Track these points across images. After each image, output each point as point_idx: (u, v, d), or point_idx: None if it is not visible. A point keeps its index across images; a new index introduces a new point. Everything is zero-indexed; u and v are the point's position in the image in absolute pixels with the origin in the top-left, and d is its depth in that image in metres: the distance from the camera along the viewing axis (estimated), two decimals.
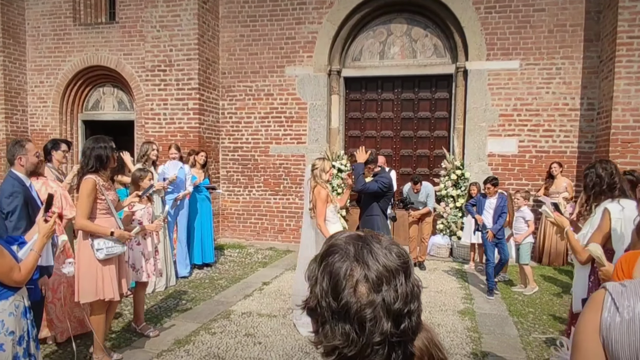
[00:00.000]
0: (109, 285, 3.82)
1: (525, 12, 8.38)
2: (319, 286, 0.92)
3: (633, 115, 7.28)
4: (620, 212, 2.96)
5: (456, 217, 8.63)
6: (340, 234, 0.99)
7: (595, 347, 1.18)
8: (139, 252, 4.59)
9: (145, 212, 4.81)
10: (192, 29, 9.08)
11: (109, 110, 10.86)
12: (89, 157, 3.83)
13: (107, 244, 3.76)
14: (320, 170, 4.83)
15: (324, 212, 4.75)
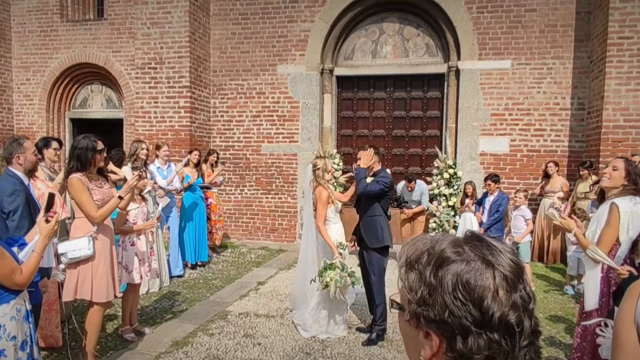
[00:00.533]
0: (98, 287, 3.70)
1: (516, 12, 8.44)
2: (449, 297, 0.82)
3: (623, 114, 7.38)
4: (628, 206, 2.96)
5: (449, 216, 8.65)
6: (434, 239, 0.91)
7: (631, 335, 1.29)
8: (133, 252, 4.50)
9: (140, 212, 4.74)
10: (183, 26, 8.98)
11: (97, 109, 10.70)
12: (70, 157, 3.75)
13: (68, 247, 3.56)
14: (322, 170, 4.79)
15: (324, 214, 4.72)
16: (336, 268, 4.45)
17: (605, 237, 2.99)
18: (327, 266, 4.49)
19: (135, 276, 4.49)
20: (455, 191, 8.64)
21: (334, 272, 4.42)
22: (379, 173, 4.84)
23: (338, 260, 4.52)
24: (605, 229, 3.01)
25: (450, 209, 8.68)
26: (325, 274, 4.43)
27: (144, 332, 4.67)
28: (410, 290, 0.88)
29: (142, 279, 4.60)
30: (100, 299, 3.73)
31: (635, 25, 7.25)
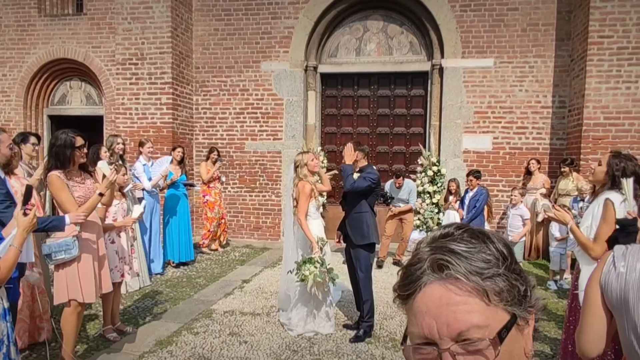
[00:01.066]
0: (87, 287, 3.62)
1: (499, 10, 8.52)
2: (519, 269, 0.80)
3: (603, 112, 7.50)
4: (621, 201, 2.97)
5: (433, 213, 8.71)
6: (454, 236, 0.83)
7: (596, 295, 1.55)
8: (113, 250, 4.40)
9: (120, 208, 4.64)
10: (165, 21, 8.84)
11: (76, 105, 10.47)
12: (49, 155, 3.62)
13: (53, 248, 3.46)
14: (301, 166, 4.74)
15: (306, 207, 4.67)
16: (315, 263, 4.41)
17: (602, 232, 2.96)
18: (305, 260, 4.46)
19: (116, 275, 4.39)
20: (439, 188, 8.70)
21: (313, 266, 4.38)
22: (366, 169, 4.83)
23: (317, 256, 4.48)
24: (602, 224, 2.98)
25: (434, 206, 8.74)
26: (304, 268, 4.39)
27: (127, 331, 4.57)
28: (509, 296, 0.77)
29: (123, 277, 4.49)
30: (90, 298, 3.64)
31: (615, 25, 7.37)
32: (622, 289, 1.48)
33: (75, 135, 3.63)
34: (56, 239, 3.49)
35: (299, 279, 4.45)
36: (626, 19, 7.34)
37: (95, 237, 3.71)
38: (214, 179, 8.34)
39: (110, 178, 3.63)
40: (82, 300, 3.59)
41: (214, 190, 8.35)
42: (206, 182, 8.27)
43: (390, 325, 5.03)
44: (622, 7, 7.34)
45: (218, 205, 8.42)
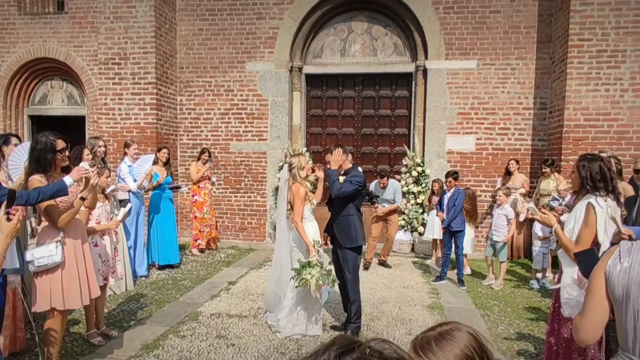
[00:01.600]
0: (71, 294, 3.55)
1: (482, 13, 8.63)
2: None
3: (583, 114, 7.66)
4: (604, 205, 3.02)
5: (417, 214, 8.79)
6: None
7: (600, 286, 1.67)
8: (96, 254, 4.33)
9: (103, 210, 4.58)
10: (148, 21, 8.76)
11: (57, 105, 10.30)
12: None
13: (36, 254, 3.40)
14: (298, 168, 4.75)
15: (302, 210, 4.68)
16: (315, 266, 4.43)
17: (583, 236, 3.02)
18: (304, 264, 4.47)
19: (99, 278, 4.31)
20: (423, 189, 8.78)
21: (314, 270, 4.40)
22: (351, 172, 4.84)
23: (316, 259, 4.50)
24: (583, 228, 3.04)
25: (419, 206, 8.82)
26: (304, 272, 4.40)
27: (113, 335, 4.54)
28: None
29: (106, 281, 4.44)
30: (72, 305, 3.58)
31: (594, 28, 7.53)
32: (626, 282, 1.59)
33: (56, 139, 3.53)
34: (40, 245, 3.44)
35: (300, 284, 4.45)
36: (605, 23, 7.50)
37: (80, 242, 3.66)
38: (204, 179, 8.35)
39: (92, 181, 3.56)
40: (63, 308, 3.53)
41: (203, 191, 8.36)
42: (196, 182, 8.28)
43: (377, 326, 5.07)
44: (601, 11, 7.50)
45: (208, 206, 8.41)
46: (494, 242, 6.73)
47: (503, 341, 4.72)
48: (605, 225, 2.98)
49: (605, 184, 3.10)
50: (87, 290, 3.67)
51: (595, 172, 3.10)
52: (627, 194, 5.40)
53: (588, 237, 3.01)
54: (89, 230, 4.23)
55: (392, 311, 5.56)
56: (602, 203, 3.01)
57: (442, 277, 6.87)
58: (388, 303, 5.87)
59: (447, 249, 6.88)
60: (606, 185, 3.10)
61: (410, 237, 8.86)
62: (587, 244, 3.01)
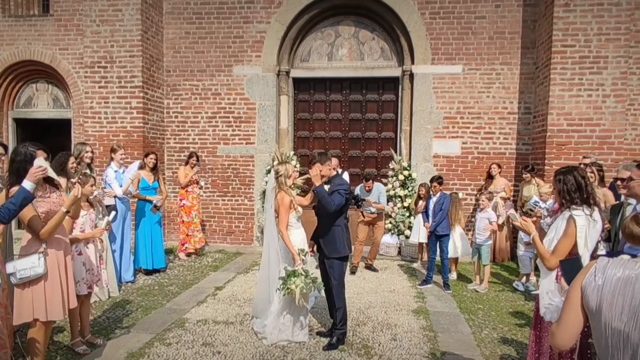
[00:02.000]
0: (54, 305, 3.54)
1: (467, 18, 8.72)
2: None
3: (567, 119, 7.78)
4: (585, 219, 3.07)
5: (404, 217, 8.86)
6: None
7: (577, 297, 1.80)
8: (80, 262, 4.31)
9: (87, 219, 4.54)
10: (134, 24, 8.72)
11: (43, 108, 10.22)
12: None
13: (18, 265, 3.38)
14: (284, 176, 4.75)
15: (286, 219, 4.69)
16: (300, 275, 4.45)
17: (560, 246, 3.08)
18: (290, 273, 4.49)
19: (82, 287, 4.30)
20: (410, 192, 8.85)
21: (299, 279, 4.42)
22: (334, 180, 4.82)
23: (301, 267, 4.53)
24: (562, 239, 3.09)
25: (405, 210, 8.88)
26: (290, 281, 4.43)
27: (98, 344, 4.52)
28: None
29: (91, 289, 4.42)
30: (55, 316, 3.57)
31: (577, 34, 7.65)
32: (598, 299, 1.72)
33: (36, 149, 3.50)
34: (22, 256, 3.42)
35: (286, 293, 4.47)
36: (587, 29, 7.63)
37: (62, 254, 3.65)
38: (192, 183, 8.35)
39: (76, 193, 3.54)
40: (45, 319, 3.52)
41: (191, 195, 8.36)
42: (184, 186, 8.27)
43: (363, 331, 5.11)
44: (583, 18, 7.63)
45: (196, 210, 8.40)
46: (478, 245, 6.82)
47: (487, 345, 4.79)
48: (586, 238, 3.04)
49: (581, 194, 3.15)
50: (67, 302, 3.66)
51: (571, 183, 3.16)
52: (608, 200, 5.50)
53: (565, 248, 3.07)
54: (73, 239, 4.21)
55: (378, 316, 5.61)
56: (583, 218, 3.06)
57: (428, 281, 6.95)
58: (374, 308, 5.91)
59: (432, 252, 6.96)
60: (581, 194, 3.15)
61: (397, 240, 8.92)
62: (563, 255, 3.07)
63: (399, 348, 4.66)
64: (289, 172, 4.77)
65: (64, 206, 3.52)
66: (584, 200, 3.16)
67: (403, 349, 4.63)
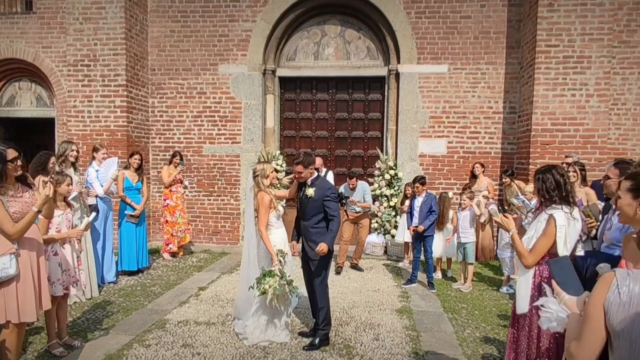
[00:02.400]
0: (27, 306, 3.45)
1: (452, 18, 8.73)
2: None
3: (551, 118, 7.82)
4: (565, 218, 3.05)
5: (390, 216, 8.85)
6: None
7: (600, 315, 1.67)
8: (56, 262, 4.22)
9: (64, 219, 4.43)
10: (118, 22, 8.63)
11: (26, 107, 10.08)
12: None
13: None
14: (262, 176, 4.72)
15: (266, 219, 4.66)
16: (275, 276, 4.42)
17: (538, 245, 3.07)
18: (265, 273, 4.45)
19: (57, 288, 4.21)
20: (396, 192, 8.85)
21: (273, 279, 4.38)
22: (318, 183, 4.70)
23: (277, 268, 4.49)
24: (541, 238, 3.08)
25: (392, 209, 8.88)
26: (264, 281, 4.39)
27: (76, 345, 4.45)
28: None
29: (67, 290, 4.33)
30: (28, 318, 3.49)
31: (561, 34, 7.69)
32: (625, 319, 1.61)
33: (6, 148, 3.41)
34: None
35: (260, 292, 4.43)
36: (571, 29, 7.67)
37: (35, 254, 3.57)
38: (176, 183, 8.30)
39: (47, 193, 3.45)
40: (18, 321, 3.45)
41: (175, 195, 8.31)
42: (167, 186, 8.23)
43: (345, 331, 5.08)
44: (567, 18, 7.66)
45: (180, 210, 8.35)
46: (463, 244, 6.82)
47: (469, 345, 4.79)
48: (565, 238, 3.03)
49: (560, 192, 3.15)
50: (40, 303, 3.59)
51: (550, 182, 3.16)
52: (591, 199, 5.51)
53: (543, 247, 3.07)
54: (49, 240, 4.13)
55: (361, 316, 5.59)
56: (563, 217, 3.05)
57: (412, 280, 6.94)
58: (358, 307, 5.89)
59: (417, 252, 6.96)
60: (560, 193, 3.14)
61: (383, 239, 8.91)
62: (541, 254, 3.07)
63: (381, 348, 4.64)
64: (266, 172, 4.72)
65: (35, 206, 3.45)
66: (563, 199, 3.15)
67: (385, 349, 4.61)
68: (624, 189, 2.17)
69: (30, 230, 3.50)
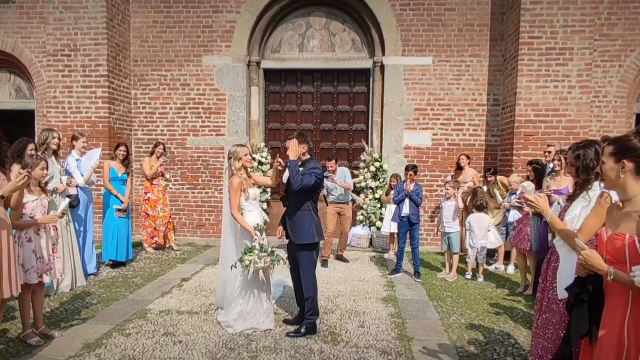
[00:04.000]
0: None
1: (437, 10, 8.75)
2: None
3: (534, 110, 7.87)
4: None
5: (375, 208, 8.84)
6: None
7: None
8: (30, 249, 4.10)
9: (38, 204, 4.28)
10: (99, 11, 8.48)
11: (4, 99, 9.86)
12: None
13: None
14: (234, 158, 4.66)
15: (237, 202, 4.60)
16: (254, 249, 4.36)
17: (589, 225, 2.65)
18: (246, 250, 4.40)
19: (32, 275, 4.09)
20: (381, 184, 8.84)
21: (253, 252, 4.34)
22: (308, 164, 4.67)
23: (257, 242, 4.43)
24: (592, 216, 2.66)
25: (377, 201, 8.87)
26: (245, 258, 4.34)
27: (53, 335, 4.33)
28: None
29: (41, 278, 4.20)
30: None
31: (543, 26, 7.74)
32: None
33: None
34: None
35: (244, 269, 4.38)
36: (554, 21, 7.73)
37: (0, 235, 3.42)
38: (158, 176, 8.16)
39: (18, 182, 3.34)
40: None
41: (156, 188, 8.17)
42: (149, 178, 8.08)
43: (330, 319, 5.05)
44: (550, 10, 7.72)
45: (162, 203, 8.21)
46: (447, 234, 6.83)
47: (454, 330, 4.78)
48: None
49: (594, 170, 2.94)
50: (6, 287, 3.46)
51: (590, 159, 2.96)
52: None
53: (595, 226, 2.60)
54: (24, 224, 4.02)
55: (346, 304, 5.56)
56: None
57: (397, 270, 6.94)
58: (343, 296, 5.87)
59: (402, 242, 6.95)
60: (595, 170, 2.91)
61: (368, 231, 8.90)
62: (592, 233, 2.66)
63: (366, 334, 4.62)
64: (239, 154, 4.66)
65: (1, 190, 3.33)
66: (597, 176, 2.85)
67: (370, 335, 4.59)
68: (606, 154, 2.17)
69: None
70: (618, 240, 2.12)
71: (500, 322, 5.06)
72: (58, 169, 5.88)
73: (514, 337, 4.62)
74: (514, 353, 4.24)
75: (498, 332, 4.74)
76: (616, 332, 2.10)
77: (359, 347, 4.29)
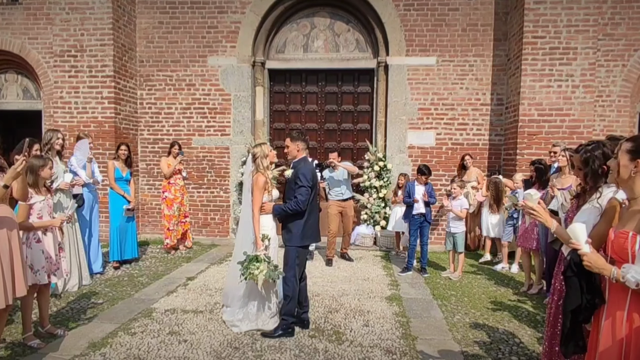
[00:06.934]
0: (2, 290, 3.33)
1: (441, 10, 8.76)
2: None
3: (537, 109, 7.88)
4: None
5: (379, 208, 8.87)
6: None
7: None
8: (39, 250, 4.14)
9: (45, 205, 4.33)
10: (105, 12, 8.55)
11: (12, 99, 9.95)
12: None
13: None
14: (261, 157, 4.62)
15: (260, 199, 4.55)
16: (264, 261, 4.39)
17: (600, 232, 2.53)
18: (252, 258, 4.43)
19: (42, 276, 4.13)
20: (385, 183, 8.87)
21: (263, 264, 4.36)
22: (298, 165, 4.64)
23: (263, 253, 4.45)
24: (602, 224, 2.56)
25: (381, 200, 8.90)
26: (252, 266, 4.36)
27: (58, 334, 4.38)
28: None
29: (49, 278, 4.25)
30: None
31: (547, 26, 7.75)
32: None
33: None
34: None
35: (246, 277, 4.40)
36: (557, 21, 7.73)
37: (5, 232, 3.40)
38: (175, 174, 8.14)
39: (16, 167, 3.27)
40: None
41: (174, 187, 8.13)
42: (168, 177, 8.07)
43: (335, 318, 5.08)
44: (553, 9, 7.72)
45: (179, 202, 8.19)
46: (452, 234, 6.85)
47: (459, 330, 4.81)
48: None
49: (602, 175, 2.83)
50: (12, 289, 3.44)
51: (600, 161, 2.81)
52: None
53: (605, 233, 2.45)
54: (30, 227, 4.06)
55: (351, 303, 5.60)
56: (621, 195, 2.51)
57: (408, 268, 6.97)
58: (347, 295, 5.90)
59: (414, 239, 6.97)
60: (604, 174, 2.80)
61: (372, 230, 8.94)
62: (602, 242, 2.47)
63: (370, 334, 4.65)
64: (265, 152, 4.66)
65: (3, 180, 3.32)
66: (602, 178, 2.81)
67: (375, 334, 4.62)
68: (623, 150, 2.18)
69: (3, 210, 3.39)
70: (622, 238, 2.15)
71: (504, 321, 5.08)
72: (62, 169, 5.94)
73: (518, 336, 4.64)
74: (518, 352, 4.25)
75: (502, 332, 4.76)
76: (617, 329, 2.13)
77: (364, 346, 4.33)
